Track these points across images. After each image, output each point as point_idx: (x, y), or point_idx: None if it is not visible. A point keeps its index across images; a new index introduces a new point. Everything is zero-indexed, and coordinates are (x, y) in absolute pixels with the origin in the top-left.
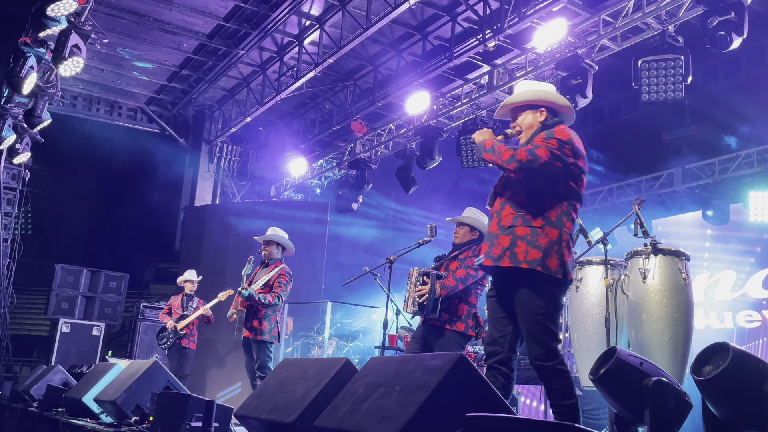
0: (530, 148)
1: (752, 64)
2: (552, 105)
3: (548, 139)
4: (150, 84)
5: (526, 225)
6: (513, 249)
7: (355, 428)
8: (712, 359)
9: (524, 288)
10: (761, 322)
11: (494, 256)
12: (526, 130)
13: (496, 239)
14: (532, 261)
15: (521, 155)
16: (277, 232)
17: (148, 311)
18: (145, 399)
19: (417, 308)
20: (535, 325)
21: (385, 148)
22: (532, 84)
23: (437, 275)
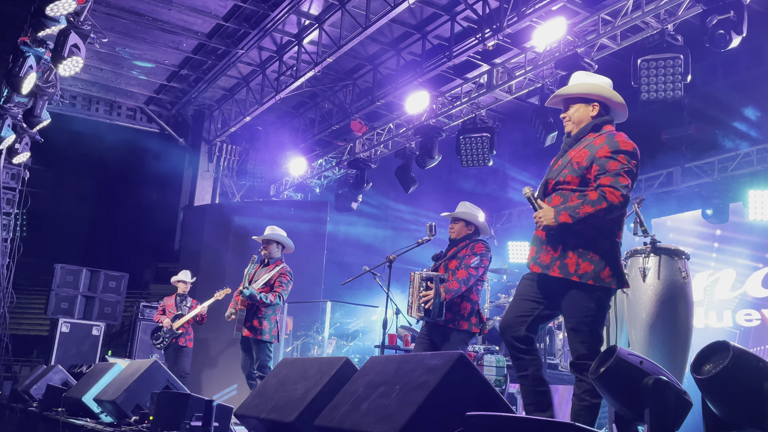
0: (619, 184)
1: (751, 63)
2: (606, 101)
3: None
4: (149, 83)
5: (577, 236)
6: (564, 260)
7: (354, 427)
8: (712, 358)
9: (574, 294)
10: (761, 321)
11: (543, 264)
12: (576, 123)
13: (545, 246)
14: (584, 274)
15: (614, 197)
16: (276, 231)
17: (148, 311)
18: (144, 399)
19: (423, 314)
20: (583, 327)
21: (385, 148)
22: (588, 76)
23: (440, 279)
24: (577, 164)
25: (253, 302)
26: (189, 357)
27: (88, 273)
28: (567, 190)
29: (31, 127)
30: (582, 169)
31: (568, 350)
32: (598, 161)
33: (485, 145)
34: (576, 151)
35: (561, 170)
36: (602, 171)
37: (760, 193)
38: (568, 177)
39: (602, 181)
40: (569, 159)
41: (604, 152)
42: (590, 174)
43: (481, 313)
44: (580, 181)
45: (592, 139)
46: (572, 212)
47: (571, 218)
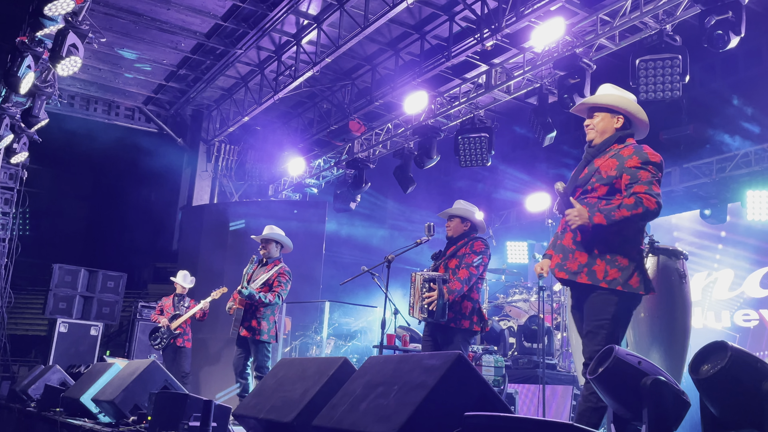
0: (653, 191)
1: (750, 64)
2: (630, 115)
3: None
4: (148, 83)
5: (605, 243)
6: (591, 267)
7: (353, 427)
8: (710, 358)
9: (597, 298)
10: (759, 321)
11: (570, 270)
12: (600, 133)
13: (572, 254)
14: (613, 281)
15: (651, 203)
16: (274, 230)
17: (146, 311)
18: (143, 399)
19: (426, 315)
20: (601, 330)
21: (383, 148)
22: (616, 89)
23: (443, 280)
24: (605, 173)
25: (252, 302)
26: (188, 357)
27: (86, 273)
28: (594, 198)
29: (29, 126)
30: (611, 179)
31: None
32: (628, 171)
33: (484, 145)
34: (603, 160)
35: (588, 179)
36: (634, 180)
37: (758, 194)
38: (596, 185)
39: (636, 188)
40: (596, 168)
41: (634, 162)
42: (619, 183)
43: (482, 311)
44: (608, 189)
45: (617, 149)
46: (608, 214)
47: (606, 220)
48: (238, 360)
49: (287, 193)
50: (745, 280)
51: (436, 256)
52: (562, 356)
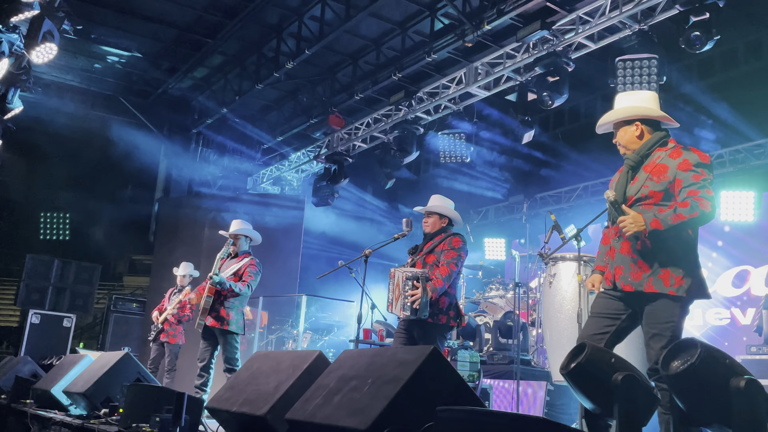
0: (707, 195)
1: (726, 66)
2: (646, 118)
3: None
4: (125, 73)
5: (668, 251)
6: (657, 275)
7: (326, 421)
8: (680, 355)
9: (661, 303)
10: (730, 319)
11: (635, 282)
12: (626, 145)
13: (633, 263)
14: (679, 288)
15: (707, 206)
16: (242, 225)
17: (121, 303)
18: (115, 391)
19: (410, 312)
20: (667, 332)
21: (363, 142)
22: (627, 96)
23: (426, 278)
24: (658, 179)
25: (222, 289)
26: (171, 354)
27: (59, 264)
28: (651, 206)
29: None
30: (665, 184)
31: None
32: (681, 174)
33: (463, 141)
34: (651, 166)
35: (640, 186)
36: (687, 183)
37: (732, 194)
38: (650, 192)
39: (690, 192)
40: (647, 174)
41: (686, 165)
42: (673, 188)
43: (458, 306)
44: (663, 195)
45: (663, 153)
46: (664, 219)
47: (663, 225)
48: (203, 352)
49: (266, 186)
50: (717, 279)
51: (413, 251)
52: (537, 352)
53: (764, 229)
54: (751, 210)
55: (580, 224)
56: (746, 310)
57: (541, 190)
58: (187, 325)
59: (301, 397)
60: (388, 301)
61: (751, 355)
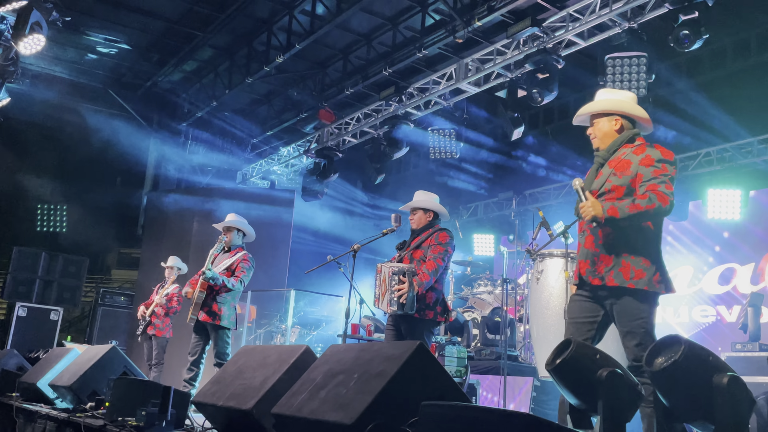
0: (666, 190)
1: (714, 65)
2: (628, 115)
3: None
4: (115, 65)
5: (628, 244)
6: (618, 268)
7: (312, 415)
8: (664, 352)
9: (628, 300)
10: (716, 317)
11: (600, 275)
12: (602, 137)
13: (596, 257)
14: (639, 281)
15: (664, 200)
16: (236, 218)
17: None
18: (101, 385)
19: (397, 307)
20: (639, 329)
21: (353, 137)
22: (610, 93)
23: (412, 272)
24: (621, 174)
25: (214, 284)
26: (159, 347)
27: (46, 256)
28: (613, 199)
29: None
30: (627, 178)
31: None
32: (642, 169)
33: (453, 138)
34: (616, 161)
35: (604, 181)
36: (647, 178)
37: (719, 192)
38: (613, 186)
39: (650, 186)
40: (611, 170)
41: (648, 161)
42: (635, 183)
43: (446, 301)
44: (625, 190)
45: (629, 149)
46: (621, 207)
47: (620, 212)
48: (195, 346)
49: (255, 180)
50: (703, 276)
51: (400, 247)
52: (525, 348)
53: (751, 227)
54: (737, 208)
55: (568, 221)
56: (732, 308)
57: (530, 186)
58: (175, 318)
59: (288, 391)
60: (374, 296)
61: (736, 352)
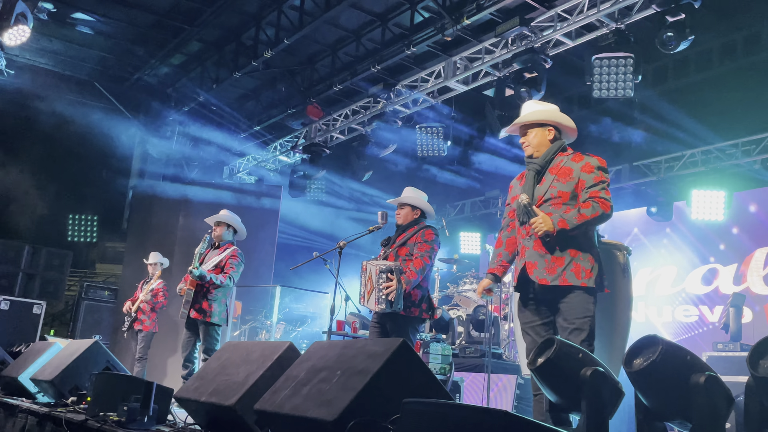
0: (606, 196)
1: (701, 67)
2: (559, 125)
3: (602, 171)
4: (101, 57)
5: (577, 247)
6: (570, 269)
7: (294, 412)
8: (643, 352)
9: (576, 297)
10: (698, 317)
11: (550, 276)
12: (536, 147)
13: (547, 259)
14: (589, 279)
15: (606, 207)
16: (229, 214)
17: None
18: (83, 379)
19: (385, 305)
20: (586, 326)
21: (341, 134)
22: (539, 104)
23: (400, 270)
24: (565, 180)
25: (202, 282)
26: (144, 341)
27: (30, 249)
28: (560, 205)
29: None
30: (571, 185)
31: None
32: (584, 176)
33: (441, 135)
34: (557, 169)
35: (548, 187)
36: (590, 185)
37: (703, 194)
38: (558, 192)
39: (592, 193)
40: (553, 176)
41: (588, 168)
42: (578, 188)
43: (431, 299)
44: (570, 195)
45: (566, 158)
46: (570, 219)
47: (569, 224)
48: (186, 343)
49: (242, 175)
50: (686, 276)
51: (385, 243)
52: (509, 346)
53: (734, 228)
54: (721, 209)
55: None
56: (714, 308)
57: None
58: (161, 313)
59: (271, 387)
60: (360, 293)
61: (717, 352)
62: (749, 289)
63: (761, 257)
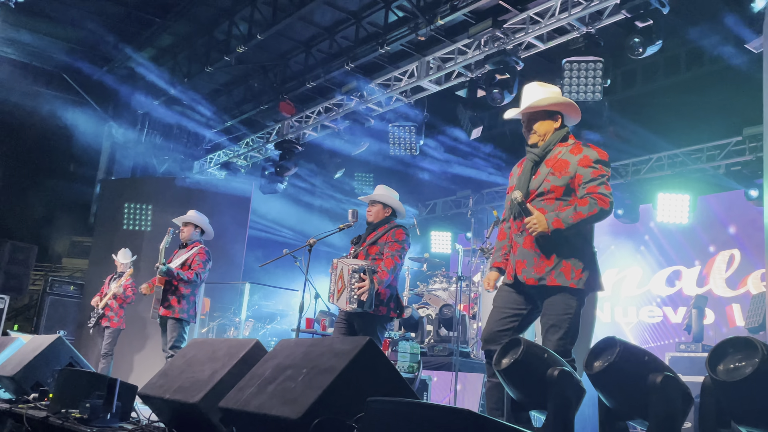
0: (605, 191)
1: (668, 72)
2: (565, 111)
3: (602, 164)
4: (70, 49)
5: (568, 245)
6: (559, 269)
7: (259, 410)
8: (601, 354)
9: (561, 295)
10: (662, 317)
11: (538, 276)
12: (542, 135)
13: (537, 257)
14: (579, 281)
15: (605, 203)
16: (195, 215)
17: (58, 285)
18: (46, 375)
19: (357, 305)
20: (564, 323)
21: (313, 131)
22: (544, 87)
23: (373, 271)
24: (560, 174)
25: (170, 278)
26: (111, 338)
27: None
28: (553, 200)
29: None
30: (566, 179)
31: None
32: (581, 170)
33: (413, 134)
34: (553, 161)
35: (542, 181)
36: (587, 180)
37: (669, 197)
38: (552, 187)
39: (590, 189)
40: (549, 169)
41: (586, 162)
42: (574, 183)
43: (399, 297)
44: (564, 190)
45: (564, 149)
46: (565, 218)
47: (564, 224)
48: (164, 343)
49: (213, 171)
50: (651, 278)
51: (355, 242)
52: (477, 345)
53: (698, 232)
54: (686, 213)
55: None
56: (677, 309)
57: (487, 185)
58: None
59: (236, 385)
60: (329, 291)
61: (680, 352)
62: (711, 291)
63: (723, 260)
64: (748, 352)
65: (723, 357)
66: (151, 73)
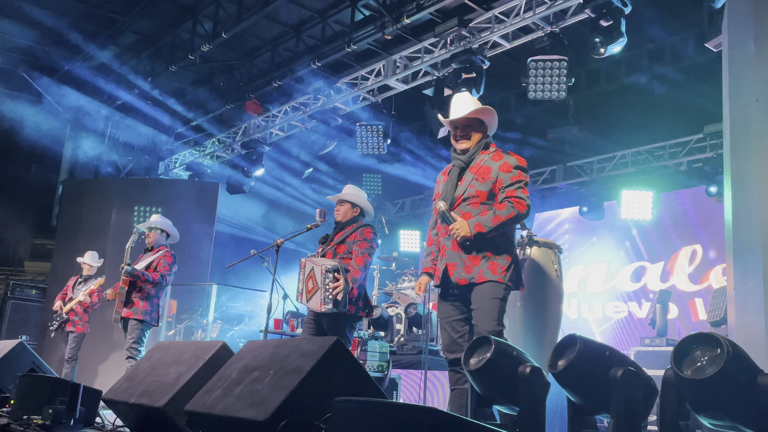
0: (522, 195)
1: (631, 71)
2: (490, 122)
3: (521, 170)
4: (29, 47)
5: (493, 245)
6: (486, 267)
7: (226, 412)
8: (564, 353)
9: (490, 285)
10: (627, 313)
11: (468, 275)
12: (474, 143)
13: (465, 259)
14: (504, 276)
15: (522, 207)
16: (160, 219)
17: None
18: (7, 381)
19: (332, 305)
20: (494, 308)
21: (280, 130)
22: (473, 101)
23: (346, 270)
24: (483, 179)
25: (134, 279)
26: (75, 342)
27: None
28: (477, 204)
29: None
30: (489, 184)
31: None
32: (501, 176)
33: (380, 134)
34: (477, 168)
35: (467, 186)
36: (507, 184)
37: (633, 194)
38: (477, 192)
39: (508, 193)
40: (473, 175)
41: (506, 167)
42: (496, 188)
43: (368, 296)
44: (487, 194)
45: (487, 155)
46: (485, 222)
47: (485, 228)
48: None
49: (179, 171)
50: (617, 274)
51: (323, 241)
52: None
53: (661, 228)
54: (649, 209)
55: None
56: (642, 304)
57: None
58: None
59: (202, 388)
60: (297, 291)
61: (645, 347)
62: (675, 286)
63: (686, 255)
64: (712, 349)
65: (687, 353)
66: (114, 72)
